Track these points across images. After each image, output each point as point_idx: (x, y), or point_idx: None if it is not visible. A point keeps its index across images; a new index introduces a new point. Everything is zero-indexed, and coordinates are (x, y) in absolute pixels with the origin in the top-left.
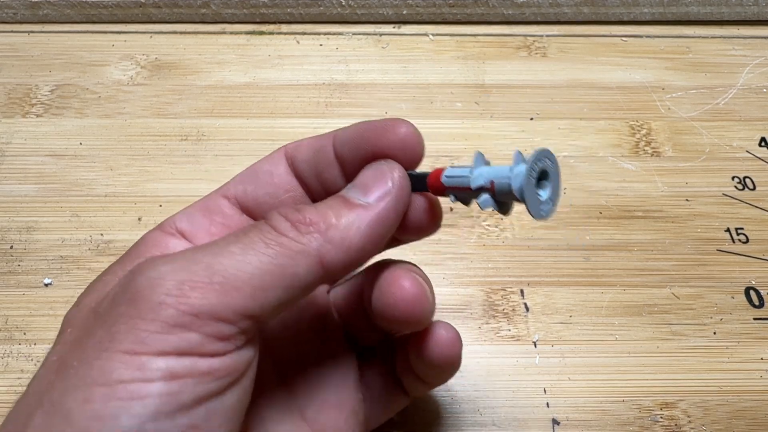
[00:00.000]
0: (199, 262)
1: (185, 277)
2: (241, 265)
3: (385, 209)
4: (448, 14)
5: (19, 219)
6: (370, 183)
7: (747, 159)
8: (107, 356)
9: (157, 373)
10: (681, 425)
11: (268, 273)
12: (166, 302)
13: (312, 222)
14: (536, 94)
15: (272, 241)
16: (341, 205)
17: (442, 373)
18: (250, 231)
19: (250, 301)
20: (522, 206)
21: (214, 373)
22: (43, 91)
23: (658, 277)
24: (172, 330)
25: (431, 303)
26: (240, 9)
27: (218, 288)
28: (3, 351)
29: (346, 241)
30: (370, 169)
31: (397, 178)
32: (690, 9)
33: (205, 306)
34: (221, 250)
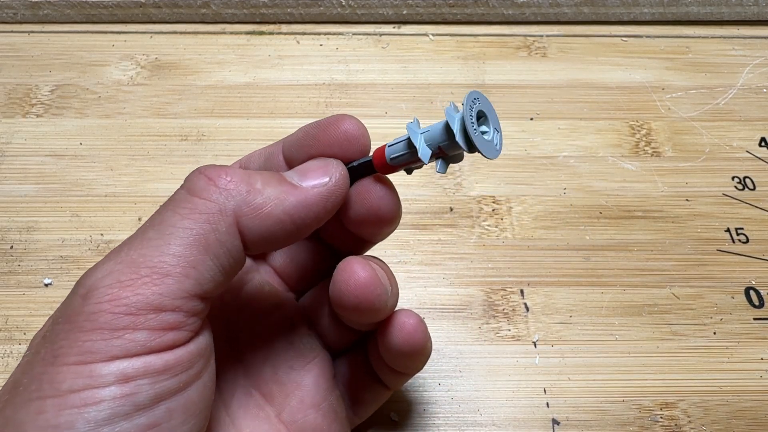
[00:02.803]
0: (122, 260)
1: (113, 279)
2: (162, 249)
3: (315, 196)
4: (448, 14)
5: (19, 219)
6: (310, 170)
7: (747, 159)
8: (54, 370)
9: (109, 377)
10: (681, 425)
11: (190, 247)
12: (100, 309)
13: (232, 180)
14: (536, 94)
15: (187, 209)
16: (272, 177)
17: (412, 360)
18: (164, 208)
19: (185, 281)
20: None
21: (170, 369)
22: (43, 91)
23: (658, 277)
24: (115, 333)
25: (386, 289)
26: (240, 9)
27: (148, 280)
28: (3, 351)
29: (264, 210)
30: (315, 160)
31: (339, 175)
32: (690, 9)
33: (140, 301)
34: (140, 240)
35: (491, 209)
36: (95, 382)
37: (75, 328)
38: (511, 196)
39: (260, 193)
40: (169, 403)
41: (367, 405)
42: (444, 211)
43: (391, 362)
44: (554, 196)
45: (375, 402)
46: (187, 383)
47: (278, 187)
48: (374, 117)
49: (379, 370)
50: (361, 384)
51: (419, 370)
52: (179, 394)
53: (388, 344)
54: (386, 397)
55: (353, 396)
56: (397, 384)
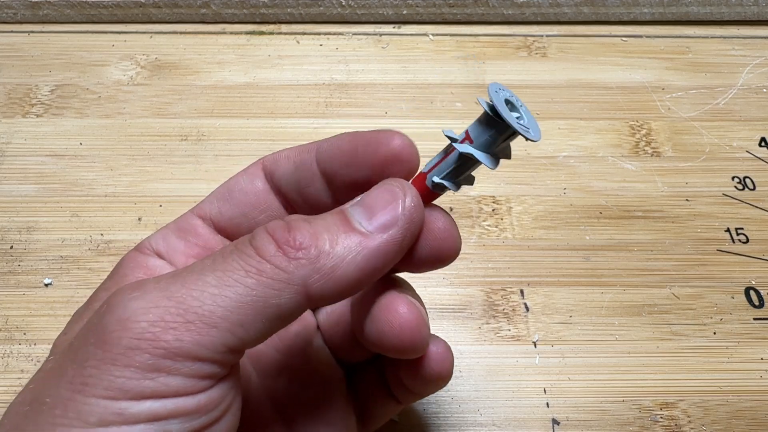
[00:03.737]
0: (172, 296)
1: (157, 316)
2: (217, 300)
3: (389, 242)
4: (448, 14)
5: (19, 219)
6: (377, 206)
7: (747, 159)
8: (82, 399)
9: (141, 416)
10: (681, 425)
11: (247, 306)
12: (139, 347)
13: (301, 246)
14: (536, 94)
15: (253, 269)
16: (339, 227)
17: (435, 387)
18: (230, 255)
19: (229, 337)
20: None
21: (202, 409)
22: (43, 91)
23: (658, 277)
24: (149, 375)
25: (428, 328)
26: (240, 9)
27: (193, 328)
28: (3, 351)
29: (337, 272)
30: (379, 189)
31: (409, 205)
32: (690, 9)
33: (183, 348)
34: (196, 280)
35: (491, 209)
36: (125, 420)
37: (108, 358)
38: (511, 196)
39: (329, 255)
40: None
41: (377, 419)
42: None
43: (411, 386)
44: (554, 196)
45: (385, 416)
46: (217, 418)
47: (347, 240)
48: (374, 117)
49: (394, 387)
50: (373, 399)
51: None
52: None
53: (413, 371)
54: (396, 411)
55: (364, 410)
56: (410, 401)
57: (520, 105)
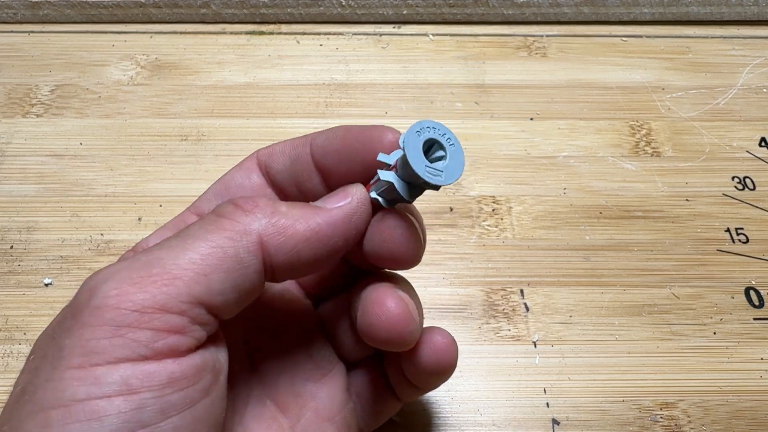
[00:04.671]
0: (137, 261)
1: (124, 277)
2: (178, 253)
3: (338, 212)
4: (448, 14)
5: (19, 219)
6: (331, 195)
7: (747, 159)
8: (58, 375)
9: (114, 386)
10: (681, 425)
11: (207, 256)
12: (106, 304)
13: (258, 204)
14: (536, 94)
15: (212, 225)
16: (296, 203)
17: (438, 378)
18: (192, 223)
19: (194, 286)
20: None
21: (175, 382)
22: (43, 91)
23: (658, 277)
24: (119, 331)
25: (417, 323)
26: (240, 9)
27: (157, 279)
28: (3, 351)
29: (290, 229)
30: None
31: (359, 193)
32: (690, 9)
33: (147, 299)
34: (160, 246)
35: (491, 209)
36: (99, 392)
37: (79, 323)
38: (511, 196)
39: (285, 214)
40: (176, 420)
41: (377, 417)
42: (444, 211)
43: (414, 379)
44: (554, 196)
45: (386, 414)
46: (194, 400)
47: (303, 208)
48: (374, 117)
49: (395, 382)
50: (374, 396)
51: (438, 387)
52: (186, 411)
53: (416, 362)
54: (397, 409)
55: (365, 408)
56: (410, 397)
57: (450, 144)
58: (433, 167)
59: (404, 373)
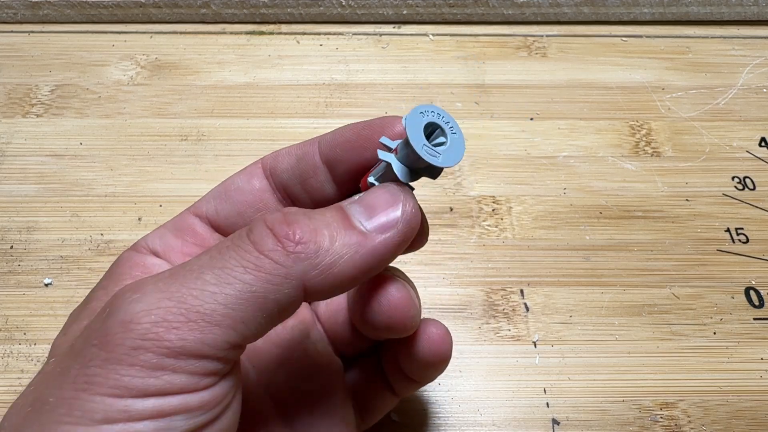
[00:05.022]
0: (172, 296)
1: (159, 317)
2: (218, 297)
3: (386, 244)
4: (448, 14)
5: (19, 219)
6: (377, 206)
7: (747, 159)
8: (87, 398)
9: (145, 413)
10: (681, 425)
11: (246, 303)
12: (143, 347)
13: (301, 241)
14: (536, 94)
15: (251, 264)
16: (339, 224)
17: (434, 370)
18: (227, 251)
19: (231, 334)
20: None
21: (206, 406)
22: (43, 91)
23: (658, 277)
24: (153, 373)
25: (417, 308)
26: (240, 9)
27: (195, 326)
28: (3, 351)
29: (335, 269)
30: (381, 189)
31: (409, 210)
32: (690, 9)
33: (186, 347)
34: (195, 279)
35: (491, 209)
36: (129, 417)
37: (112, 359)
38: (511, 196)
39: (328, 252)
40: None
41: (375, 412)
42: (444, 211)
43: (410, 371)
44: (554, 196)
45: (383, 409)
46: (219, 414)
47: (346, 237)
48: (374, 117)
49: (392, 377)
50: (371, 391)
51: (434, 379)
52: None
53: (412, 353)
54: (393, 404)
55: (362, 403)
56: (407, 392)
57: (452, 132)
58: (432, 149)
59: (400, 367)
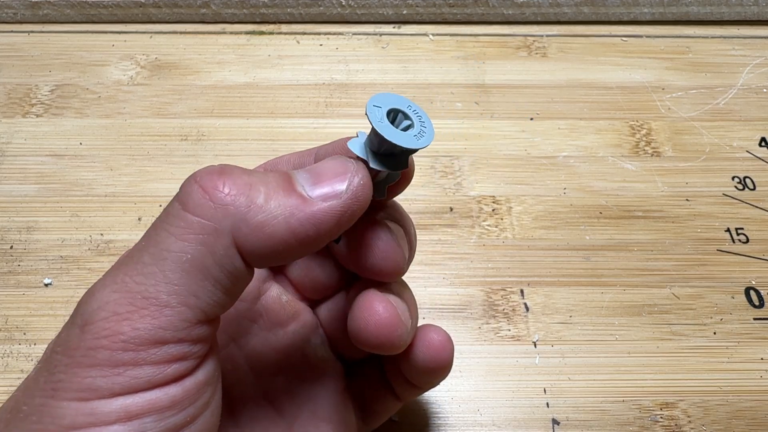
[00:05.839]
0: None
1: (109, 311)
2: (158, 276)
3: (326, 212)
4: (448, 14)
5: (19, 219)
6: (325, 174)
7: (747, 159)
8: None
9: (112, 415)
10: (681, 425)
11: (187, 273)
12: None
13: (230, 193)
14: (536, 94)
15: (179, 229)
16: (279, 184)
17: (435, 377)
18: (158, 222)
19: (186, 312)
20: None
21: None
22: (43, 91)
23: (658, 277)
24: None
25: (406, 327)
26: (240, 9)
27: (146, 313)
28: (3, 351)
29: (267, 229)
30: (333, 160)
31: (357, 183)
32: (690, 9)
33: (141, 335)
34: (136, 264)
35: (491, 209)
36: (98, 420)
37: (73, 362)
38: (511, 196)
39: (261, 209)
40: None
41: (377, 416)
42: (444, 211)
43: (411, 377)
44: (554, 196)
45: (385, 413)
46: (195, 416)
47: (284, 199)
48: None
49: (394, 382)
50: (373, 396)
51: (437, 385)
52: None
53: (412, 360)
54: (396, 408)
55: (364, 407)
56: (409, 397)
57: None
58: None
59: (402, 373)
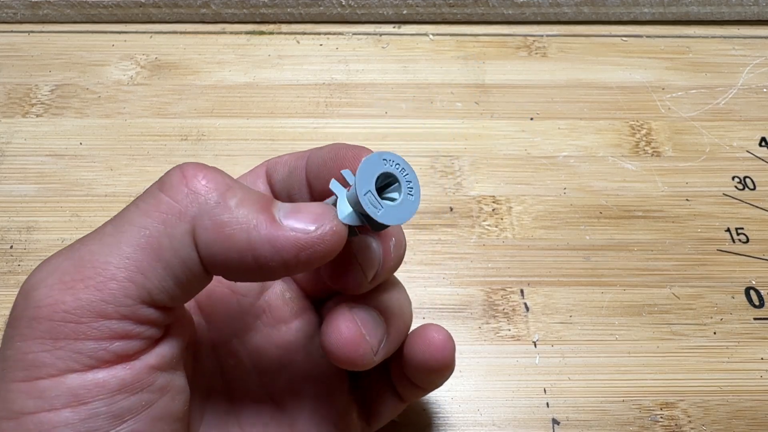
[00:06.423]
0: (71, 255)
1: (56, 278)
2: (112, 247)
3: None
4: (448, 14)
5: (19, 219)
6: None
7: (747, 159)
8: (5, 387)
9: (61, 399)
10: (681, 425)
11: (141, 249)
12: (39, 315)
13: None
14: (536, 94)
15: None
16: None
17: (437, 376)
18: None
19: (131, 288)
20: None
21: (127, 387)
22: (43, 91)
23: (658, 277)
24: (57, 344)
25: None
26: (240, 9)
27: (91, 283)
28: None
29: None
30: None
31: (330, 229)
32: (690, 9)
33: (82, 307)
34: (96, 234)
35: (491, 209)
36: (47, 404)
37: (17, 334)
38: (511, 196)
39: (230, 210)
40: (133, 424)
41: (380, 417)
42: (444, 210)
43: (413, 377)
44: (554, 196)
45: (389, 414)
46: (150, 401)
47: (254, 212)
48: (374, 117)
49: (397, 383)
50: (376, 396)
51: (440, 386)
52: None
53: (413, 359)
54: (400, 410)
55: (367, 408)
56: (413, 398)
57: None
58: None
59: (405, 373)
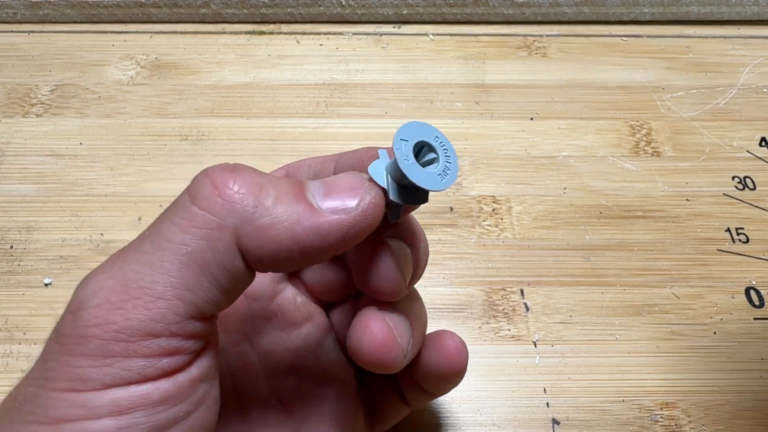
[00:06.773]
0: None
1: (102, 298)
2: (156, 267)
3: (333, 225)
4: (448, 14)
5: (19, 219)
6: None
7: (747, 159)
8: (45, 395)
9: (103, 409)
10: (681, 425)
11: (185, 266)
12: (90, 334)
13: (239, 191)
14: (536, 94)
15: (184, 221)
16: (290, 190)
17: (448, 382)
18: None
19: (179, 305)
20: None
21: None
22: (43, 91)
23: (658, 277)
24: (107, 361)
25: (401, 348)
26: (240, 9)
27: (139, 303)
28: (3, 351)
29: (270, 232)
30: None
31: (369, 201)
32: (690, 9)
33: (132, 326)
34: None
35: (491, 209)
36: (88, 413)
37: (64, 350)
38: (511, 196)
39: (268, 212)
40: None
41: (386, 422)
42: (444, 210)
43: (424, 383)
44: (554, 196)
45: (393, 419)
46: (188, 412)
47: (292, 206)
48: (374, 117)
49: (405, 388)
50: (383, 401)
51: (449, 392)
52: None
53: (426, 365)
54: (404, 414)
55: (374, 412)
56: (419, 402)
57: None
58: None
59: (414, 378)
